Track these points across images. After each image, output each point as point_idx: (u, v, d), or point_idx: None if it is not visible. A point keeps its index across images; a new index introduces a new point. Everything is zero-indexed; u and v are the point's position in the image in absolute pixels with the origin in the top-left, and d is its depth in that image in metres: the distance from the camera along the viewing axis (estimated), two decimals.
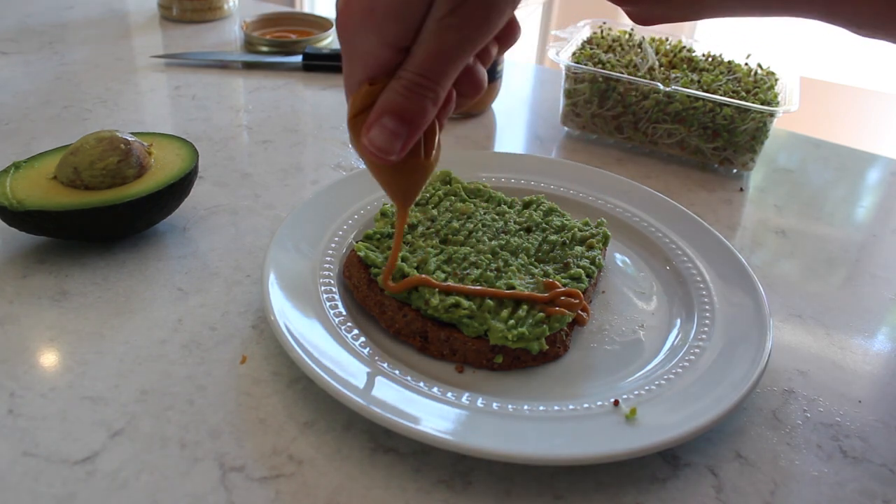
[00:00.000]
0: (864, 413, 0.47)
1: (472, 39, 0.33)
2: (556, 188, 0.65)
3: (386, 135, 0.35)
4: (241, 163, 0.70)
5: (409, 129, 0.35)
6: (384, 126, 0.35)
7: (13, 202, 0.51)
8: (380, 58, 0.34)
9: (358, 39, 0.34)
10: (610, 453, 0.40)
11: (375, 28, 0.33)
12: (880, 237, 0.68)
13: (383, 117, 0.35)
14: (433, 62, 0.34)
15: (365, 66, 0.35)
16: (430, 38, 0.33)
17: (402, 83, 0.34)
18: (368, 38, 0.34)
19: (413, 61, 0.34)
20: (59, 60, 0.89)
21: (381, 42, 0.34)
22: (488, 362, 0.47)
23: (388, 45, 0.34)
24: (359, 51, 0.35)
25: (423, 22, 0.33)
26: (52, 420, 0.42)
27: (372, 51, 0.34)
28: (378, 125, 0.35)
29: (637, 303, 0.54)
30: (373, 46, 0.34)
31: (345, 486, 0.40)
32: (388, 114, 0.35)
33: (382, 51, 0.34)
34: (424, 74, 0.34)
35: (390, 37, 0.33)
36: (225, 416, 0.43)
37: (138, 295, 0.52)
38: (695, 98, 0.71)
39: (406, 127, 0.35)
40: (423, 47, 0.33)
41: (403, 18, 0.33)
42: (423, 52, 0.33)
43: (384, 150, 0.36)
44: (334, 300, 0.50)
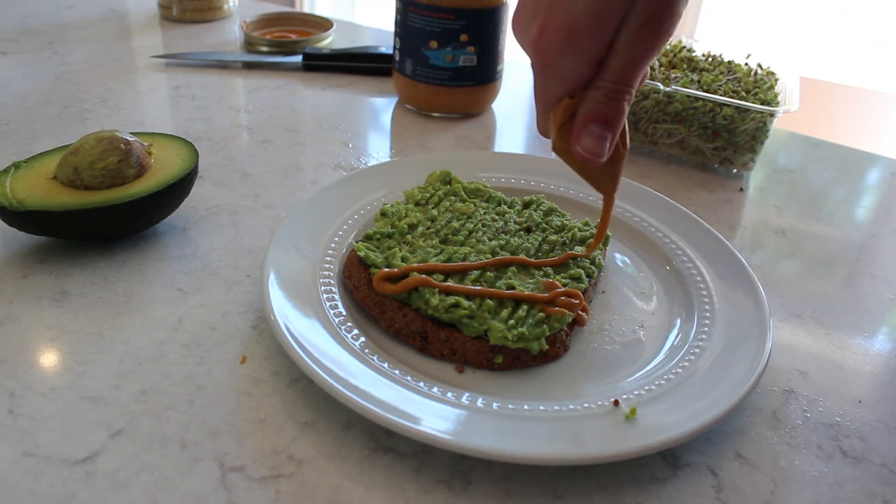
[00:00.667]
0: (864, 413, 0.47)
1: (658, 45, 0.38)
2: (556, 188, 0.65)
3: (595, 140, 0.40)
4: (241, 163, 0.70)
5: (612, 132, 0.40)
6: (592, 132, 0.40)
7: (13, 202, 0.51)
8: (581, 73, 0.39)
9: (560, 61, 0.38)
10: (610, 453, 0.40)
11: (578, 48, 0.37)
12: (880, 237, 0.68)
13: (590, 125, 0.40)
14: (627, 70, 0.38)
15: (566, 82, 0.39)
16: (624, 49, 0.37)
17: (602, 92, 0.39)
18: (571, 59, 0.38)
19: (610, 71, 0.38)
20: (59, 60, 0.89)
21: (583, 60, 0.38)
22: (488, 362, 0.47)
23: (589, 61, 0.38)
24: (560, 71, 0.39)
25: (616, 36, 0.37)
26: (52, 420, 0.42)
27: (574, 68, 0.38)
28: (587, 133, 0.40)
29: (637, 303, 0.54)
30: (575, 65, 0.38)
31: (345, 486, 0.40)
32: (594, 121, 0.39)
33: (583, 67, 0.38)
34: (621, 82, 0.38)
35: (591, 54, 0.38)
36: (225, 416, 0.43)
37: (138, 295, 0.52)
38: (695, 98, 0.71)
39: (610, 130, 0.40)
40: (619, 60, 0.38)
41: (601, 36, 0.37)
42: (618, 64, 0.38)
43: (596, 154, 0.40)
44: (334, 300, 0.50)
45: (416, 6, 0.75)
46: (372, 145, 0.76)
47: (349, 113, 0.82)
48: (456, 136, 0.79)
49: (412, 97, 0.82)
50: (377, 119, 0.82)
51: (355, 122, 0.80)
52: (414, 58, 0.78)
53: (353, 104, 0.84)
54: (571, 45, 0.37)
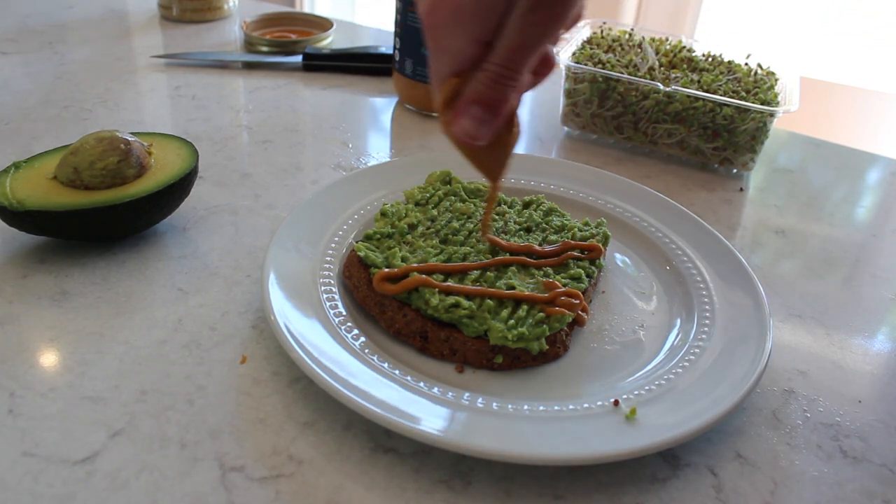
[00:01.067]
0: (864, 413, 0.47)
1: (548, 32, 0.37)
2: (556, 188, 0.65)
3: (475, 122, 0.39)
4: (241, 163, 0.70)
5: (494, 116, 0.39)
6: (473, 114, 0.39)
7: (13, 202, 0.51)
8: (467, 53, 0.38)
9: (448, 37, 0.37)
10: (610, 453, 0.40)
11: (463, 26, 0.37)
12: (880, 237, 0.68)
13: (471, 106, 0.39)
14: (515, 54, 0.37)
15: (453, 60, 0.38)
16: (512, 33, 0.36)
17: (488, 75, 0.38)
18: (458, 36, 0.37)
19: (497, 54, 0.37)
20: (59, 60, 0.89)
21: (470, 39, 0.37)
22: (488, 362, 0.47)
23: (475, 40, 0.37)
24: (447, 47, 0.38)
25: (505, 18, 0.36)
26: (52, 420, 0.42)
27: (460, 47, 0.37)
28: (467, 114, 0.39)
29: (637, 303, 0.54)
30: (462, 43, 0.37)
31: (345, 486, 0.40)
32: (476, 103, 0.39)
33: (470, 47, 0.37)
34: (507, 66, 0.37)
35: (478, 33, 0.37)
36: (225, 416, 0.43)
37: (138, 295, 0.52)
38: (695, 98, 0.71)
39: (492, 114, 0.39)
40: (506, 42, 0.37)
41: (489, 16, 0.36)
42: (505, 46, 0.37)
43: (473, 136, 0.40)
44: (334, 300, 0.50)
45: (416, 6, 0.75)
46: (372, 145, 0.76)
47: (349, 113, 0.82)
48: None
49: (412, 97, 0.82)
50: (377, 119, 0.82)
51: (355, 122, 0.80)
52: (414, 58, 0.78)
53: (353, 104, 0.84)
54: (458, 22, 0.37)
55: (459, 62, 0.38)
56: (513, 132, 0.42)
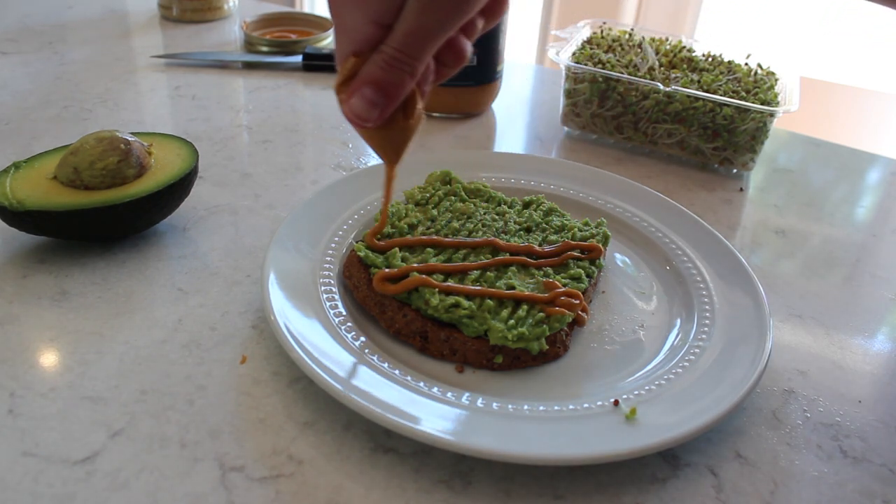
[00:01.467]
0: (864, 413, 0.47)
1: (448, 20, 0.36)
2: (556, 188, 0.65)
3: (365, 103, 0.38)
4: (241, 163, 0.70)
5: (386, 100, 0.38)
6: (364, 95, 0.38)
7: (13, 202, 0.51)
8: (364, 33, 0.37)
9: (346, 15, 0.37)
10: (610, 453, 0.40)
11: (361, 6, 0.36)
12: (880, 237, 0.68)
13: (364, 87, 0.38)
14: (412, 40, 0.36)
15: (351, 40, 0.38)
16: (410, 17, 0.36)
17: (383, 57, 0.37)
18: (355, 15, 0.37)
19: (393, 38, 0.37)
20: (59, 60, 0.89)
21: (366, 19, 0.36)
22: (488, 362, 0.47)
23: (373, 21, 0.36)
24: (346, 26, 0.37)
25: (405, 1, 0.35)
26: (52, 420, 0.42)
27: (358, 26, 0.37)
28: (359, 94, 0.38)
29: (637, 303, 0.54)
30: (358, 22, 0.37)
31: (345, 486, 0.40)
32: (368, 84, 0.38)
33: (367, 27, 0.37)
34: (403, 50, 0.37)
35: (374, 14, 0.36)
36: (225, 416, 0.43)
37: (138, 295, 0.52)
38: (695, 98, 0.71)
39: (384, 97, 0.38)
40: (404, 26, 0.36)
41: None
42: (403, 30, 0.36)
43: (363, 118, 0.39)
44: (334, 300, 0.50)
45: None
46: None
47: None
48: (456, 136, 0.79)
49: None
50: None
51: None
52: None
53: None
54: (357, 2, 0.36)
55: (357, 42, 0.38)
56: (413, 118, 0.41)
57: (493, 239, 0.53)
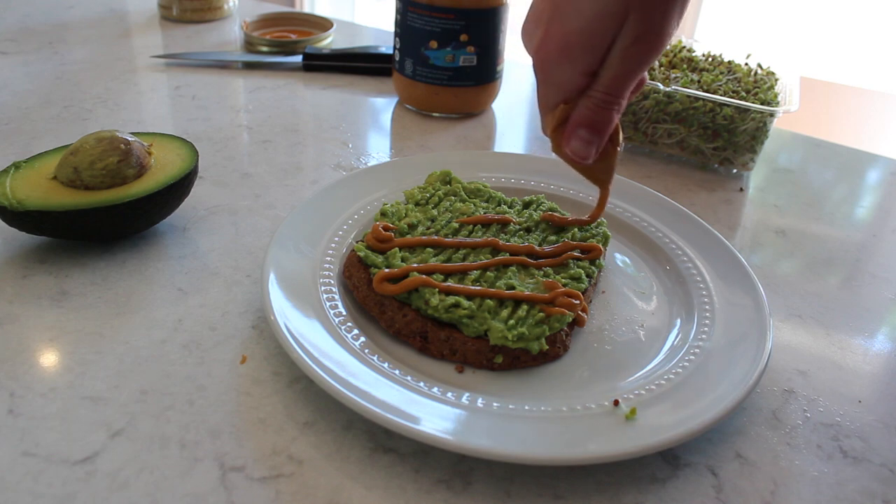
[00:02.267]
0: (864, 413, 0.47)
1: (648, 62, 0.41)
2: (556, 188, 0.65)
3: (583, 143, 0.44)
4: (241, 163, 0.70)
5: (600, 137, 0.44)
6: (580, 137, 0.44)
7: (13, 202, 0.51)
8: (575, 83, 0.42)
9: (556, 70, 0.42)
10: (610, 453, 0.40)
11: (572, 61, 0.41)
12: (880, 237, 0.68)
13: (579, 129, 0.44)
14: (618, 82, 0.42)
15: (561, 90, 0.43)
16: (616, 63, 0.41)
17: (594, 101, 0.42)
18: (565, 70, 0.41)
19: (601, 83, 0.42)
20: (59, 60, 0.89)
21: (577, 71, 0.41)
22: (488, 362, 0.47)
23: (582, 73, 0.41)
24: (556, 79, 0.42)
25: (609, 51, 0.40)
26: (52, 420, 0.42)
27: (568, 79, 0.42)
28: (576, 136, 0.44)
29: (637, 303, 0.54)
30: (569, 75, 0.42)
31: (345, 486, 0.40)
32: (583, 126, 0.43)
33: (577, 78, 0.42)
34: (610, 93, 0.42)
35: (584, 66, 0.41)
36: (225, 416, 0.43)
37: (138, 295, 0.52)
38: (695, 98, 0.71)
39: (598, 135, 0.44)
40: (610, 72, 0.41)
41: (594, 51, 0.40)
42: (609, 76, 0.41)
43: (582, 156, 0.45)
44: (334, 300, 0.50)
45: (416, 6, 0.75)
46: (372, 145, 0.76)
47: (349, 113, 0.82)
48: (456, 136, 0.79)
49: (412, 97, 0.82)
50: (377, 119, 0.82)
51: (355, 122, 0.80)
52: (414, 58, 0.78)
53: (353, 104, 0.84)
54: (567, 57, 0.41)
55: (568, 91, 0.43)
56: (616, 145, 0.47)
57: (493, 239, 0.53)
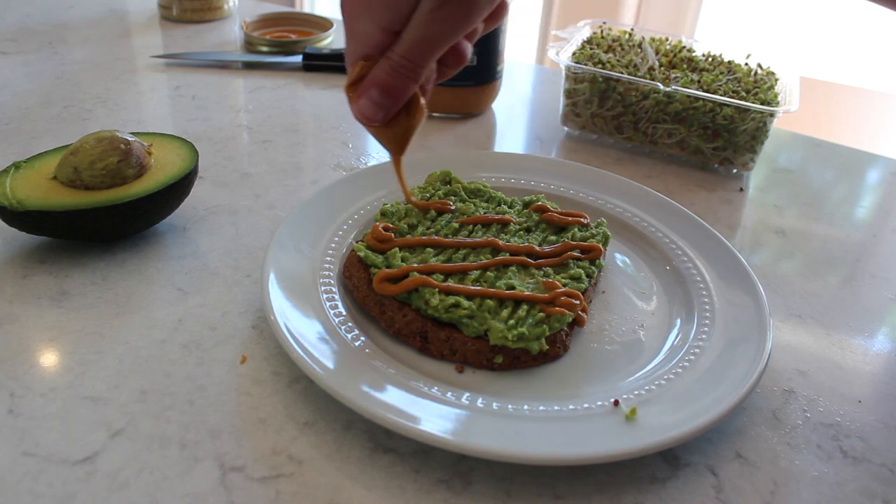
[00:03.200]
0: (864, 413, 0.47)
1: (453, 31, 0.39)
2: (556, 188, 0.65)
3: (372, 105, 0.42)
4: (241, 163, 0.70)
5: (391, 101, 0.42)
6: (371, 97, 0.42)
7: (13, 202, 0.51)
8: (374, 39, 0.40)
9: (357, 22, 0.40)
10: (610, 453, 0.40)
11: (372, 14, 0.39)
12: (880, 237, 0.68)
13: (371, 90, 0.42)
14: (417, 48, 0.39)
15: (362, 44, 0.41)
16: (417, 27, 0.39)
17: (390, 63, 0.40)
18: (365, 22, 0.40)
19: (400, 45, 0.40)
20: (59, 60, 0.89)
21: (376, 26, 0.39)
22: (488, 362, 0.47)
23: (382, 29, 0.39)
24: (357, 31, 0.41)
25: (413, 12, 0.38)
26: (52, 420, 0.42)
27: (368, 32, 0.40)
28: (366, 96, 0.42)
29: (637, 303, 0.54)
30: (369, 29, 0.40)
31: (345, 486, 0.40)
32: (376, 87, 0.41)
33: (376, 33, 0.40)
34: (408, 57, 0.40)
35: (384, 22, 0.39)
36: (225, 416, 0.43)
37: (138, 295, 0.52)
38: (695, 98, 0.71)
39: (389, 99, 0.42)
40: (410, 35, 0.39)
41: (396, 8, 0.38)
42: (409, 39, 0.39)
43: (370, 118, 0.43)
44: (334, 300, 0.50)
45: None
46: (372, 145, 0.76)
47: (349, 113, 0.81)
48: (456, 136, 0.79)
49: None
50: None
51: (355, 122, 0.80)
52: None
53: None
54: (367, 9, 0.39)
55: (367, 47, 0.41)
56: (415, 116, 0.45)
57: (493, 239, 0.53)
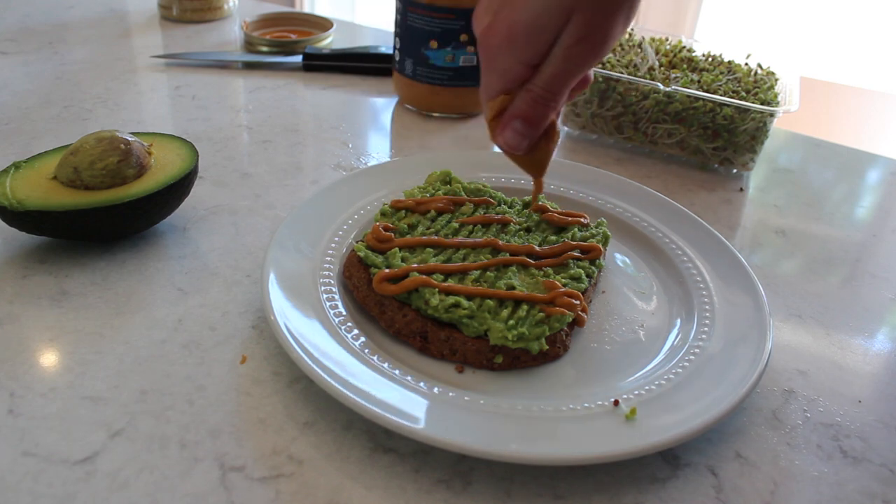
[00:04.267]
0: (864, 413, 0.47)
1: (589, 63, 0.41)
2: (556, 188, 0.65)
3: (517, 135, 0.44)
4: (241, 163, 0.70)
5: (534, 131, 0.44)
6: (514, 129, 0.44)
7: (13, 202, 0.51)
8: (515, 73, 0.42)
9: (499, 57, 0.42)
10: (610, 453, 0.40)
11: (514, 50, 0.41)
12: (880, 237, 0.68)
13: (514, 121, 0.44)
14: (557, 80, 0.42)
15: (503, 79, 0.43)
16: (557, 61, 0.41)
17: (531, 95, 0.42)
18: (507, 58, 0.41)
19: (541, 78, 0.42)
20: (59, 60, 0.89)
21: (518, 61, 0.41)
22: (488, 362, 0.47)
23: (523, 63, 0.41)
24: (498, 67, 0.42)
25: (552, 47, 0.40)
26: (52, 420, 0.42)
27: (510, 67, 0.42)
28: (510, 128, 0.44)
29: (637, 303, 0.54)
30: (511, 64, 0.42)
31: (345, 486, 0.40)
32: (519, 118, 0.43)
33: (518, 68, 0.42)
34: (549, 89, 0.42)
35: (525, 57, 0.41)
36: (225, 416, 0.43)
37: (138, 295, 0.52)
38: (695, 98, 0.71)
39: (531, 129, 0.44)
40: (550, 68, 0.41)
41: (537, 43, 0.40)
42: (549, 72, 0.41)
43: (514, 147, 0.45)
44: (334, 300, 0.50)
45: (416, 6, 0.75)
46: (372, 145, 0.76)
47: (349, 113, 0.82)
48: (456, 136, 0.79)
49: (412, 97, 0.82)
50: (377, 119, 0.82)
51: (355, 122, 0.80)
52: (414, 58, 0.78)
53: (353, 104, 0.84)
54: (510, 45, 0.41)
55: (508, 81, 0.43)
56: (553, 140, 0.47)
57: (492, 239, 0.53)
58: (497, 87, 0.43)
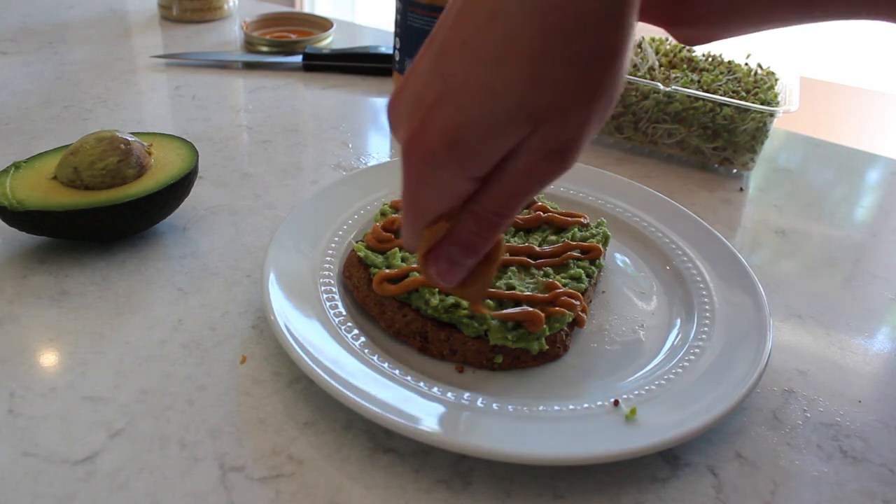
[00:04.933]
0: (864, 413, 0.47)
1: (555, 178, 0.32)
2: (557, 188, 0.65)
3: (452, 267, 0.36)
4: (241, 163, 0.70)
5: (472, 260, 0.36)
6: (450, 258, 0.35)
7: (13, 202, 0.51)
8: (458, 189, 0.32)
9: (436, 171, 0.32)
10: (610, 453, 0.40)
11: (458, 160, 0.31)
12: (880, 237, 0.68)
13: (449, 248, 0.35)
14: (513, 199, 0.33)
15: (441, 198, 0.33)
16: (516, 177, 0.32)
17: (476, 219, 0.34)
18: (449, 170, 0.31)
19: (490, 197, 0.33)
20: (59, 60, 0.89)
21: (462, 174, 0.32)
22: (488, 362, 0.47)
23: (468, 178, 0.32)
24: (436, 181, 0.32)
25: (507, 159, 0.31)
26: (52, 420, 0.42)
27: (451, 183, 0.32)
28: (443, 256, 0.35)
29: (637, 303, 0.54)
30: (453, 178, 0.32)
31: (345, 486, 0.40)
32: (455, 245, 0.35)
33: (461, 183, 0.32)
34: (499, 211, 0.33)
35: (473, 170, 0.31)
36: (225, 416, 0.43)
37: (138, 295, 0.52)
38: (695, 98, 0.71)
39: (471, 258, 0.36)
40: (506, 185, 0.32)
41: (490, 154, 0.31)
42: (504, 190, 0.32)
43: (449, 280, 0.36)
44: (334, 300, 0.50)
45: (416, 6, 0.75)
46: (372, 145, 0.76)
47: (349, 113, 0.82)
48: None
49: None
50: (377, 119, 0.82)
51: (355, 122, 0.80)
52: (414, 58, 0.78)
53: (353, 104, 0.84)
54: (452, 155, 0.31)
55: (450, 199, 0.33)
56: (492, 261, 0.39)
57: None
58: (435, 209, 0.34)
